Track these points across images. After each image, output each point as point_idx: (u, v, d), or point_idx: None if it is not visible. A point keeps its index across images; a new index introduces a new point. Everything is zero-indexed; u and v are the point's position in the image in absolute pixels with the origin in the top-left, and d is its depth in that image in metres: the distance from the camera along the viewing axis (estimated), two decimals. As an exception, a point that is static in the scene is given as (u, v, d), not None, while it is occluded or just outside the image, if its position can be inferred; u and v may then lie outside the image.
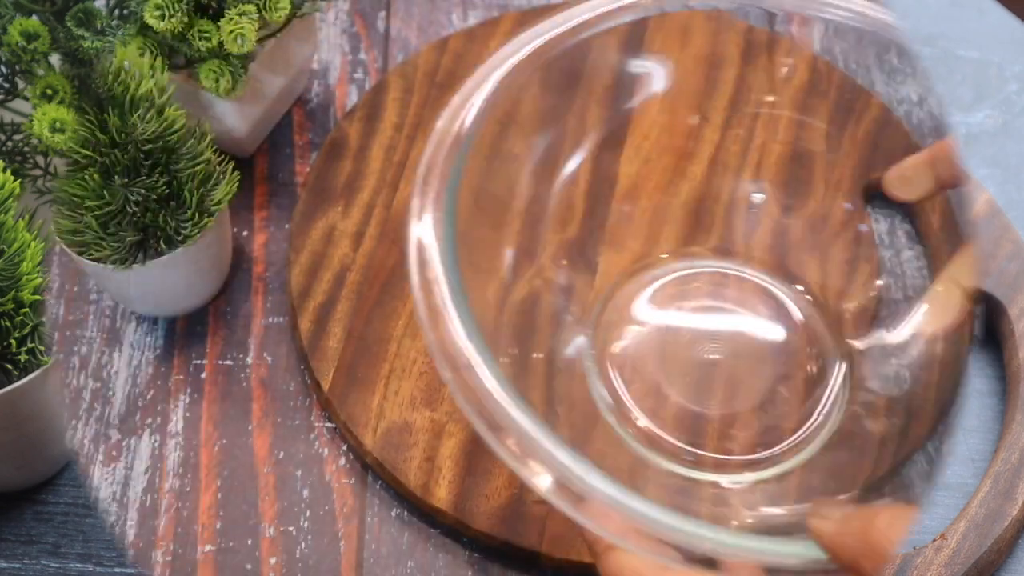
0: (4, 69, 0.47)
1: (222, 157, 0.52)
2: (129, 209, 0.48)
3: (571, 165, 0.52)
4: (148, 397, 0.53)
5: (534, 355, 0.49)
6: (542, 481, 0.36)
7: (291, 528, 0.49)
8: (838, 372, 0.51)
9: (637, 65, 0.53)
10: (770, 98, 0.54)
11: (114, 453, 0.51)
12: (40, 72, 0.44)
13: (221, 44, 0.52)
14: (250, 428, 0.52)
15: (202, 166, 0.50)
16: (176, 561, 0.48)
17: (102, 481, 0.50)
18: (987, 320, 0.54)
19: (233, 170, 0.51)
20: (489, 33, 0.64)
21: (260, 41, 0.55)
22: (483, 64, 0.46)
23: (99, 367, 0.54)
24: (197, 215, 0.50)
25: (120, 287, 0.52)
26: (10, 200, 0.45)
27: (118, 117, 0.46)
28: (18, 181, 0.46)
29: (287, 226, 0.58)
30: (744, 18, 0.53)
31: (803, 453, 0.49)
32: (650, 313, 0.53)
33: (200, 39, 0.52)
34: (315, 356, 0.52)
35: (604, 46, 0.50)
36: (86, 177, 0.47)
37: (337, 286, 0.54)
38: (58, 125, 0.43)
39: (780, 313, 0.53)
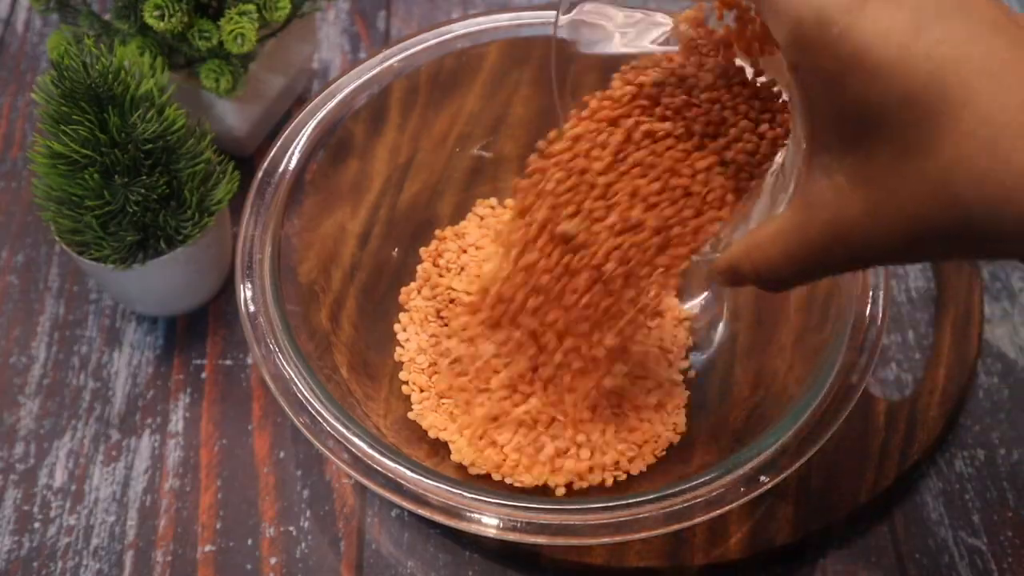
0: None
1: (222, 157, 0.52)
2: (129, 209, 0.48)
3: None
4: (148, 397, 0.53)
5: None
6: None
7: (291, 528, 0.49)
8: None
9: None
10: None
11: (114, 453, 0.51)
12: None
13: (221, 44, 0.52)
14: (250, 428, 0.52)
15: (202, 166, 0.50)
16: (176, 561, 0.48)
17: (102, 481, 0.50)
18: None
19: (233, 170, 0.51)
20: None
21: (260, 41, 0.55)
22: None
23: (99, 367, 0.54)
24: (197, 215, 0.50)
25: (120, 287, 0.52)
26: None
27: (118, 117, 0.46)
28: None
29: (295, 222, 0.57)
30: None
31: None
32: None
33: (200, 39, 0.52)
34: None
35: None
36: (86, 177, 0.47)
37: (346, 284, 0.54)
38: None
39: None
